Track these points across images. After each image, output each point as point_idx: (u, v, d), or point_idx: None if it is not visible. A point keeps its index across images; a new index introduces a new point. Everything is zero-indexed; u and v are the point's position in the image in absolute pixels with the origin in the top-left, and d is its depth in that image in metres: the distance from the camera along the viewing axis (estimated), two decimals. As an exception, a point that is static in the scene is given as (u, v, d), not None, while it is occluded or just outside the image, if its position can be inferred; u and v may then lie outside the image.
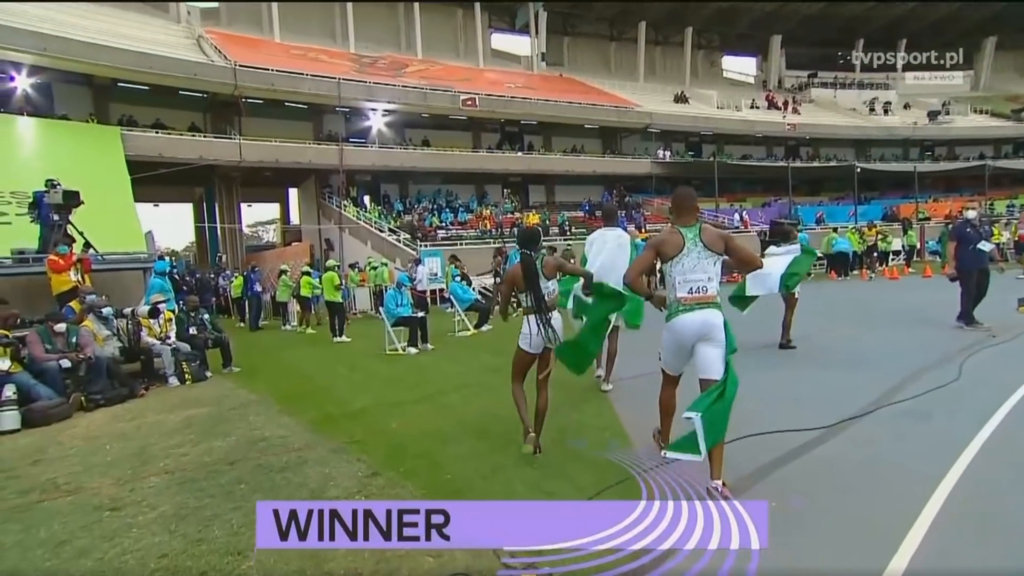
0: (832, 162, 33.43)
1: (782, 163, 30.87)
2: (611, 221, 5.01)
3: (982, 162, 31.68)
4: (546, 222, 24.26)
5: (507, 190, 28.76)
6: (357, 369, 7.22)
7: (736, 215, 26.99)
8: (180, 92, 20.45)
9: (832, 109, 37.17)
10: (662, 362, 3.19)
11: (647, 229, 21.94)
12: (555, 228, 24.17)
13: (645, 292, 3.20)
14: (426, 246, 19.25)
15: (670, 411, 3.30)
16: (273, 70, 21.46)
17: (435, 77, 26.96)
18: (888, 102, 37.60)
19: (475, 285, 11.99)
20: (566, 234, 23.39)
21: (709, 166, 27.94)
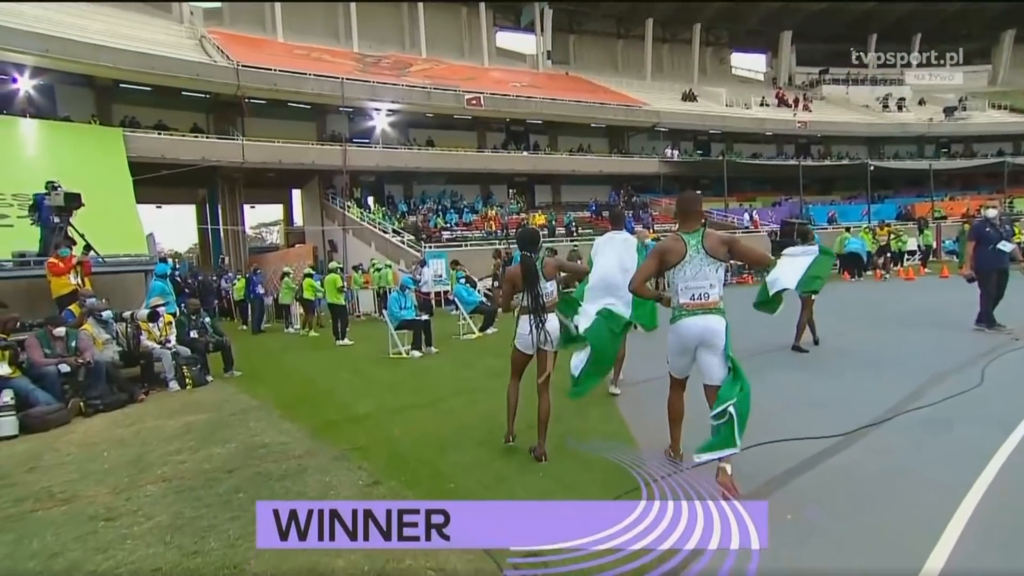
0: (844, 160, 33.21)
1: (793, 162, 30.70)
2: (618, 224, 5.03)
3: (1001, 159, 31.34)
4: (552, 223, 24.21)
5: (512, 190, 28.74)
6: (360, 373, 7.18)
7: (746, 215, 26.84)
8: (183, 93, 20.60)
9: (844, 106, 36.92)
10: (669, 366, 3.25)
11: (655, 230, 21.86)
12: (561, 229, 24.09)
13: (654, 295, 3.28)
14: (431, 247, 19.24)
15: (678, 417, 3.31)
16: (276, 70, 21.56)
17: (439, 76, 26.99)
18: (902, 98, 37.30)
19: (480, 287, 11.93)
20: (572, 235, 23.32)
21: (718, 165, 27.80)
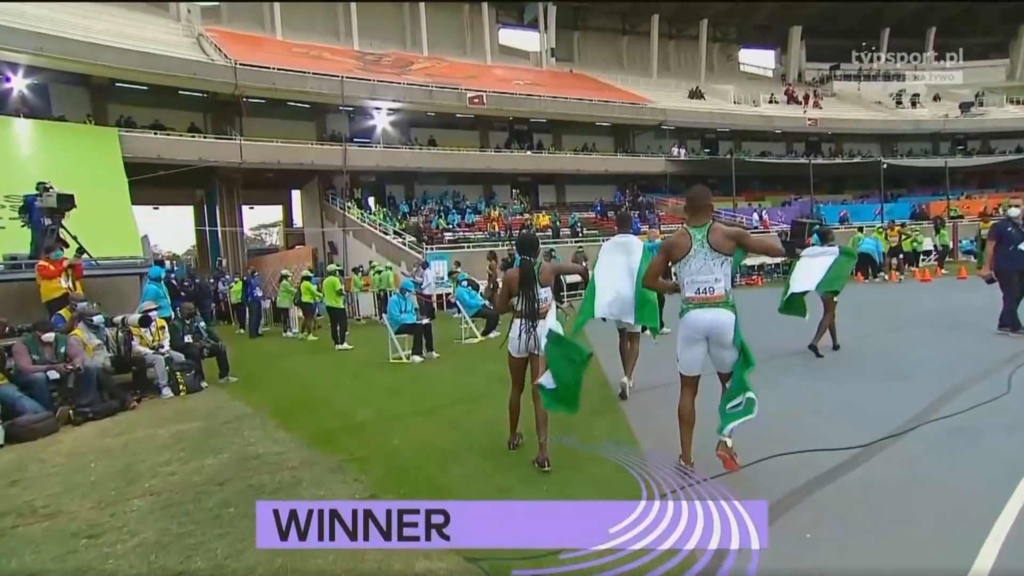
0: (856, 158, 32.94)
1: (803, 160, 30.46)
2: (625, 227, 5.27)
3: (1020, 155, 31.03)
4: (556, 223, 24.09)
5: (516, 190, 28.65)
6: (359, 379, 7.13)
7: (755, 215, 26.66)
8: (180, 92, 20.61)
9: (856, 103, 36.68)
10: (679, 364, 3.28)
11: (661, 230, 21.71)
12: (566, 229, 23.98)
13: (669, 286, 3.36)
14: (432, 249, 19.18)
15: (690, 421, 3.26)
16: (275, 69, 21.55)
17: (441, 74, 26.96)
18: (916, 94, 37.02)
19: (482, 289, 11.86)
20: (578, 236, 23.22)
21: (726, 164, 27.61)
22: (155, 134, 19.72)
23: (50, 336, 5.70)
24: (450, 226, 23.63)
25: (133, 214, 15.77)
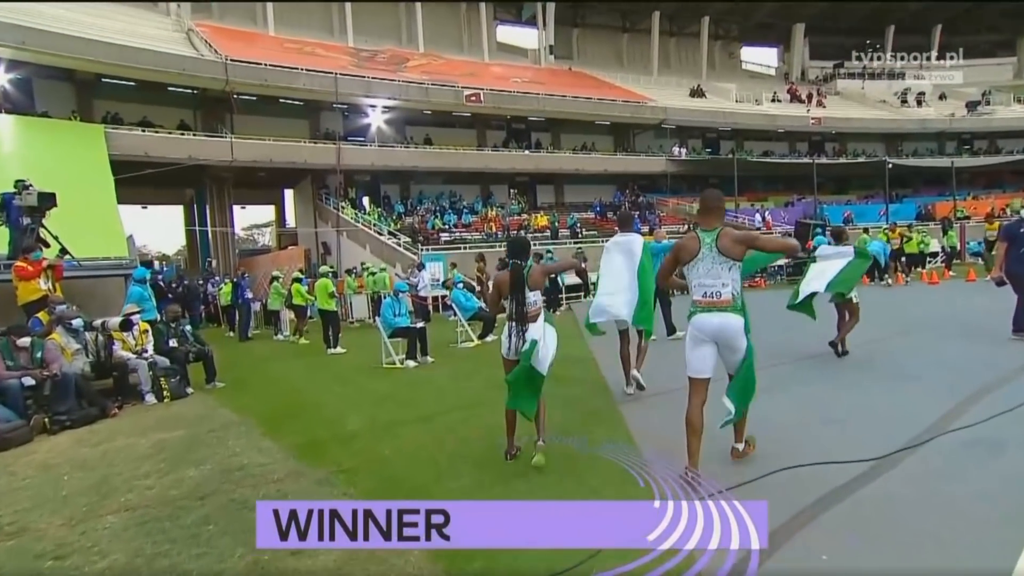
0: (860, 158, 32.98)
1: (806, 159, 30.50)
2: (626, 227, 5.32)
3: (1027, 155, 31.13)
4: (555, 224, 24.01)
5: (514, 190, 28.60)
6: (350, 384, 7.02)
7: (757, 215, 26.65)
8: (168, 88, 20.50)
9: (860, 101, 36.74)
10: (687, 368, 3.23)
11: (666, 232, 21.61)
12: (565, 230, 23.89)
13: (682, 284, 3.42)
14: (428, 250, 19.06)
15: (697, 429, 3.15)
16: (267, 65, 21.46)
17: (437, 72, 26.87)
18: (922, 93, 37.08)
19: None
20: (577, 236, 23.14)
21: (728, 163, 27.56)
22: (143, 131, 19.61)
23: (26, 341, 5.57)
24: (446, 227, 23.53)
25: (119, 213, 15.56)
